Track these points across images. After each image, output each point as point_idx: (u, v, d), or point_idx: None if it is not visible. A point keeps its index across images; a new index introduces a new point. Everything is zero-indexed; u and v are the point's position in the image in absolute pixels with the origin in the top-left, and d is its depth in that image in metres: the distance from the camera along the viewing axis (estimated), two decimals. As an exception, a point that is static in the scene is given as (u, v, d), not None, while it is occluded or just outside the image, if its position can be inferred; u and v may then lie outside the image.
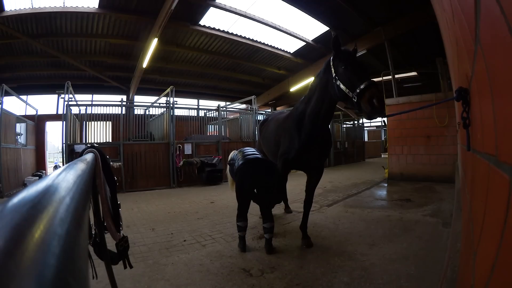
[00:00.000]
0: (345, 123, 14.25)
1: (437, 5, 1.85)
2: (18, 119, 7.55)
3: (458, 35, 0.96)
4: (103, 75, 10.29)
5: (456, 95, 0.94)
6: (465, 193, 1.28)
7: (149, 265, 2.22)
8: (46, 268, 0.18)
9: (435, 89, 7.06)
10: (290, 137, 2.57)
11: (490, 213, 0.54)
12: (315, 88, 2.37)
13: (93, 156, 1.02)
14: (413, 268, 1.98)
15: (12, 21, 6.89)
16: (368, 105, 1.83)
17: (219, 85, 13.00)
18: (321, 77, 2.29)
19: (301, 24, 8.13)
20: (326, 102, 2.28)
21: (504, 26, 0.38)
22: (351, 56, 2.06)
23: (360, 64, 2.02)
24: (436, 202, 4.04)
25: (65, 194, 0.32)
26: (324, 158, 2.69)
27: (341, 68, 2.02)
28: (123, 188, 6.16)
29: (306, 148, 2.46)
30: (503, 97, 0.44)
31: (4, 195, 5.77)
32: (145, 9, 6.86)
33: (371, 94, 1.82)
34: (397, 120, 6.52)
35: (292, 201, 4.28)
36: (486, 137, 0.61)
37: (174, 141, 6.99)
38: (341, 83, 2.02)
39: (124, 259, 1.26)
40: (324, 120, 2.38)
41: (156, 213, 4.10)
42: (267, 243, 2.44)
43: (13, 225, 0.19)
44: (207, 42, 8.99)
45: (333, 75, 2.09)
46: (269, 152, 3.18)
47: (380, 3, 6.80)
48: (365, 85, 1.85)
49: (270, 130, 3.20)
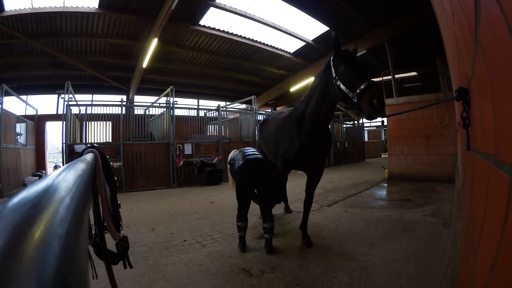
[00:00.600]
0: (345, 123, 14.25)
1: (437, 5, 1.85)
2: (18, 119, 7.55)
3: (458, 35, 0.96)
4: (103, 75, 10.29)
5: (456, 95, 0.94)
6: (465, 193, 1.28)
7: (149, 265, 2.22)
8: (46, 268, 0.18)
9: (435, 89, 7.06)
10: (290, 137, 2.57)
11: (490, 213, 0.54)
12: (315, 88, 2.36)
13: (93, 156, 1.02)
14: (413, 268, 1.98)
15: (12, 21, 6.89)
16: (368, 105, 1.83)
17: (219, 85, 13.00)
18: (321, 77, 2.29)
19: (301, 24, 8.13)
20: (326, 102, 2.27)
21: (504, 26, 0.38)
22: (351, 56, 2.05)
23: (360, 64, 2.02)
24: (436, 202, 4.04)
25: (65, 194, 0.32)
26: (324, 158, 2.68)
27: (341, 68, 2.02)
28: (123, 188, 6.16)
29: (306, 148, 2.46)
30: (503, 97, 0.44)
31: (4, 195, 5.77)
32: (145, 9, 6.86)
33: (371, 94, 1.82)
34: (397, 120, 6.52)
35: (292, 201, 4.28)
36: (486, 137, 0.61)
37: (174, 141, 6.99)
38: (341, 83, 2.02)
39: (124, 259, 1.26)
40: (324, 120, 2.38)
41: (156, 213, 4.10)
42: (267, 243, 2.44)
43: (13, 225, 0.19)
44: (207, 42, 8.99)
45: (333, 75, 2.09)
46: (269, 152, 3.18)
47: (380, 3, 6.80)
48: (365, 85, 1.85)
49: (270, 130, 3.20)
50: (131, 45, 8.64)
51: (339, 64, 2.05)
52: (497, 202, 0.48)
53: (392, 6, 6.85)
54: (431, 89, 8.27)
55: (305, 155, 2.50)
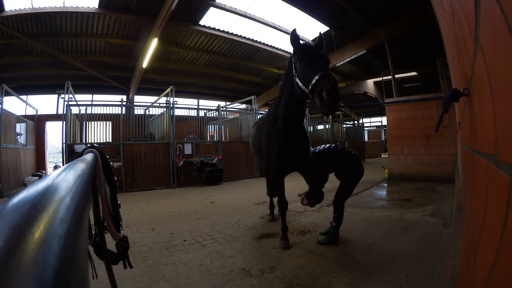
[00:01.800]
0: (345, 123, 14.26)
1: (437, 5, 1.84)
2: (18, 119, 7.55)
3: (458, 35, 0.96)
4: (103, 75, 10.29)
5: (450, 94, 0.94)
6: (465, 193, 1.28)
7: (149, 265, 2.22)
8: (46, 268, 0.18)
9: (435, 89, 7.06)
10: (269, 142, 2.52)
11: (490, 213, 0.54)
12: (283, 89, 2.27)
13: (93, 156, 1.02)
14: (413, 268, 1.98)
15: (12, 21, 6.89)
16: (318, 99, 1.66)
17: (219, 85, 13.00)
18: (286, 76, 2.18)
19: (301, 24, 8.13)
20: (295, 101, 2.15)
21: (504, 26, 0.38)
22: (305, 50, 1.91)
23: (316, 56, 1.85)
24: (436, 202, 4.04)
25: (65, 194, 0.32)
26: (305, 157, 2.60)
27: (298, 63, 1.88)
28: (123, 188, 6.16)
29: (285, 150, 2.39)
30: (503, 97, 0.44)
31: (4, 195, 5.77)
32: (145, 9, 6.87)
33: (321, 87, 1.64)
34: (397, 120, 6.52)
35: (292, 201, 4.28)
36: (486, 137, 0.61)
37: (174, 141, 7.00)
38: (299, 80, 1.88)
39: (124, 259, 1.26)
40: (295, 120, 2.29)
41: (156, 213, 4.10)
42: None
43: (13, 225, 0.19)
44: (207, 42, 8.99)
45: (293, 72, 1.96)
46: (256, 156, 3.16)
47: (380, 3, 6.80)
48: (317, 77, 1.68)
49: (252, 135, 3.17)
50: (131, 45, 8.65)
51: (296, 59, 1.92)
52: (497, 202, 0.48)
53: (392, 6, 6.85)
54: (431, 89, 8.28)
55: (287, 157, 2.43)
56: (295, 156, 2.49)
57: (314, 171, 2.65)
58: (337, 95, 1.65)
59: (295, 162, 2.55)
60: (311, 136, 10.37)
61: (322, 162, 2.62)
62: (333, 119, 12.98)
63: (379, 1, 6.73)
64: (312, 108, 11.70)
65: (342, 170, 2.58)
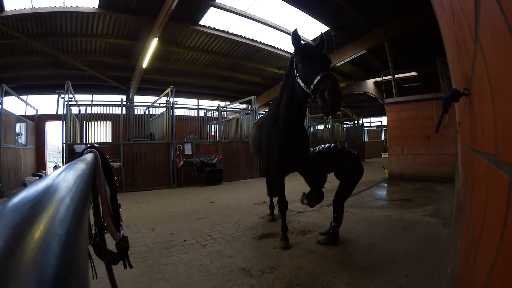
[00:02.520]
0: (345, 123, 14.25)
1: (437, 5, 1.84)
2: (18, 119, 7.55)
3: (458, 35, 0.96)
4: (103, 75, 10.29)
5: (450, 94, 0.94)
6: (465, 193, 1.28)
7: (149, 265, 2.22)
8: (46, 268, 0.18)
9: (435, 89, 7.06)
10: (269, 141, 2.51)
11: (490, 213, 0.54)
12: (283, 89, 2.27)
13: (93, 156, 1.02)
14: (413, 268, 1.98)
15: (12, 21, 6.89)
16: (320, 99, 1.67)
17: (219, 85, 13.00)
18: (287, 76, 2.18)
19: (301, 24, 8.13)
20: (296, 101, 2.16)
21: (504, 26, 0.38)
22: (307, 50, 1.92)
23: (318, 56, 1.86)
24: (436, 202, 4.04)
25: (65, 194, 0.32)
26: (305, 157, 2.60)
27: (299, 63, 1.89)
28: (123, 188, 6.16)
29: (286, 150, 2.39)
30: (503, 97, 0.44)
31: (4, 195, 5.77)
32: (145, 9, 6.87)
33: (323, 87, 1.66)
34: (397, 120, 6.52)
35: (292, 201, 4.28)
36: (486, 137, 0.61)
37: (174, 141, 7.00)
38: (300, 80, 1.89)
39: (124, 259, 1.26)
40: (296, 120, 2.30)
41: (156, 213, 4.10)
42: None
43: (13, 225, 0.19)
44: (207, 42, 8.99)
45: (295, 72, 1.97)
46: (256, 156, 3.15)
47: (380, 3, 6.80)
48: (319, 78, 1.69)
49: (253, 135, 3.17)
50: (131, 45, 8.65)
51: (298, 59, 1.93)
52: (497, 202, 0.48)
53: (392, 6, 6.85)
54: (431, 89, 8.28)
55: (287, 156, 2.43)
56: (296, 156, 2.49)
57: (314, 171, 2.65)
58: (339, 95, 1.67)
59: (296, 162, 2.55)
60: (311, 136, 10.37)
61: (322, 162, 2.62)
62: (333, 119, 12.98)
63: (379, 1, 6.73)
64: (313, 108, 11.72)
65: (342, 170, 2.58)
